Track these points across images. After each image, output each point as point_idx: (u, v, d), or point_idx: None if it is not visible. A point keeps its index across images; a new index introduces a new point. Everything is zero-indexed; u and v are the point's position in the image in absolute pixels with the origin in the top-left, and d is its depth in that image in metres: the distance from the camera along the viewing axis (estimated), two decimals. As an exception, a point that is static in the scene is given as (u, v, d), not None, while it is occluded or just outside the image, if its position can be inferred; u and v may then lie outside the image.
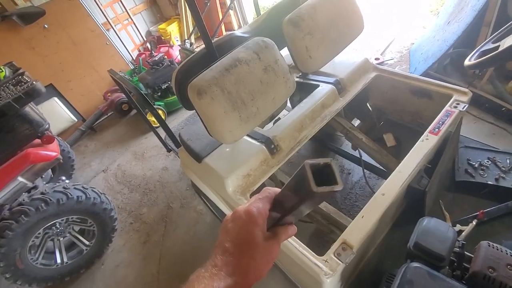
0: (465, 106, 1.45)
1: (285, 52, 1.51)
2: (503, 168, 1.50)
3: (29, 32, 3.60)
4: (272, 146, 1.48)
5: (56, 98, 3.72)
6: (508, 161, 1.53)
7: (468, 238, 1.32)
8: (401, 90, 1.81)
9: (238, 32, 1.51)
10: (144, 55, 4.39)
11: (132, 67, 4.61)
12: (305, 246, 1.12)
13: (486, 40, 1.16)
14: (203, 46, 1.38)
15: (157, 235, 2.34)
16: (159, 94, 3.71)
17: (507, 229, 1.30)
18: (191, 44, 4.30)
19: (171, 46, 4.50)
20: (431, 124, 1.42)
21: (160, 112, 3.54)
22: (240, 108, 1.18)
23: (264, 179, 1.45)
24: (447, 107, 1.47)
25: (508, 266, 0.89)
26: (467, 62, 1.12)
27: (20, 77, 2.06)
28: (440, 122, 1.41)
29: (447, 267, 1.03)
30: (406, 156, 1.32)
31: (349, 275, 1.23)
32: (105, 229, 2.20)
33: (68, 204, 1.93)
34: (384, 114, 2.10)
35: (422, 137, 1.37)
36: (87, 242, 2.20)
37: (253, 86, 1.20)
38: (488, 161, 1.57)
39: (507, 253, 0.92)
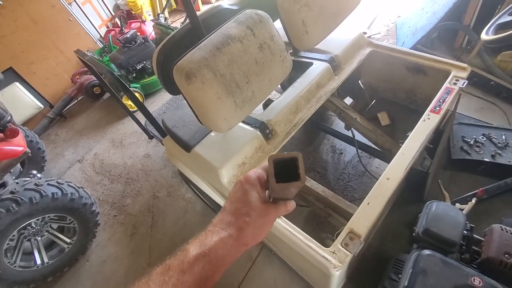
0: (464, 82, 1.40)
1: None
2: (499, 144, 1.50)
3: (-21, 9, 3.14)
4: (267, 131, 1.37)
5: (17, 83, 3.35)
6: (503, 137, 1.53)
7: (469, 217, 1.33)
8: (396, 66, 1.74)
9: (225, 4, 1.34)
10: (113, 32, 4.00)
11: (101, 45, 4.21)
12: (311, 238, 1.05)
13: (502, 12, 1.08)
14: (181, 21, 1.20)
15: (145, 227, 2.23)
16: (134, 75, 3.42)
17: (507, 206, 1.31)
18: (165, 18, 3.96)
19: (143, 22, 4.12)
20: (431, 103, 1.36)
21: (137, 95, 3.28)
22: (234, 93, 1.05)
23: (248, 172, 1.35)
24: (446, 84, 1.41)
25: (523, 251, 0.87)
26: (484, 36, 1.04)
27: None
28: (441, 100, 1.36)
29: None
30: (409, 138, 1.27)
31: (355, 262, 1.20)
32: (87, 224, 2.05)
33: (43, 203, 1.75)
34: (377, 92, 2.04)
35: (423, 116, 1.32)
36: (68, 240, 2.05)
37: (247, 67, 1.07)
38: (483, 138, 1.56)
39: (521, 237, 0.90)
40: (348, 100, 2.12)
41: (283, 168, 0.42)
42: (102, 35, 4.39)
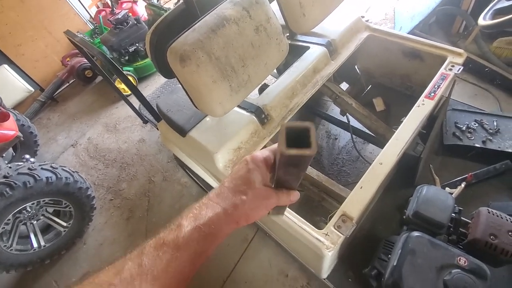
0: (460, 68, 1.40)
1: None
2: (490, 131, 1.53)
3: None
4: (263, 115, 1.37)
5: (6, 66, 3.25)
6: (495, 123, 1.55)
7: (457, 201, 1.36)
8: (393, 51, 1.73)
9: (219, -16, 1.29)
10: (104, 12, 3.86)
11: (91, 27, 4.06)
12: (305, 221, 1.08)
13: (500, -4, 1.07)
14: (174, 1, 1.17)
15: (141, 210, 2.25)
16: (127, 58, 3.34)
17: (495, 191, 1.35)
18: (158, -1, 3.83)
19: (135, 2, 3.98)
20: (426, 88, 1.37)
21: (130, 78, 3.20)
22: (230, 76, 1.04)
23: (255, 152, 1.36)
24: (442, 70, 1.41)
25: (510, 233, 0.91)
26: (481, 21, 1.03)
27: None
28: (436, 86, 1.36)
29: (443, 232, 1.06)
30: (403, 123, 1.28)
31: (346, 244, 1.24)
32: (83, 208, 2.06)
33: (37, 187, 1.75)
34: (373, 77, 2.03)
35: (418, 102, 1.33)
36: (64, 224, 2.06)
37: (243, 50, 1.05)
38: (475, 124, 1.58)
39: (507, 220, 0.94)
40: (344, 86, 2.12)
41: (295, 141, 0.39)
42: (93, 16, 4.23)
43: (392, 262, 0.98)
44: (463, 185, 1.38)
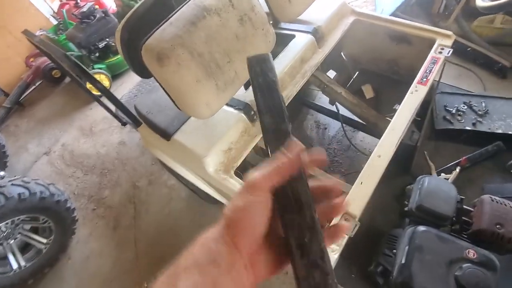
0: (450, 51, 1.37)
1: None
2: (479, 112, 1.52)
3: None
4: (252, 112, 1.28)
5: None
6: (483, 104, 1.55)
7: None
8: (379, 35, 1.67)
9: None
10: (68, 5, 3.55)
11: (55, 22, 3.75)
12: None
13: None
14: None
15: (127, 218, 2.13)
16: (97, 55, 3.11)
17: (488, 173, 1.35)
18: (126, -12, 3.57)
19: (101, -7, 3.69)
20: (418, 73, 1.32)
21: (102, 77, 3.01)
22: (215, 74, 0.94)
23: (247, 152, 1.28)
24: (432, 53, 1.37)
25: (514, 221, 0.89)
26: (480, 3, 0.98)
27: None
28: (428, 71, 1.32)
29: (446, 222, 1.04)
30: (397, 112, 1.23)
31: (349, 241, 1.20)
32: (63, 222, 1.92)
33: (9, 205, 1.59)
34: (359, 63, 1.98)
35: (410, 88, 1.28)
36: (44, 240, 1.92)
37: (228, 44, 0.95)
38: (464, 106, 1.57)
39: (511, 207, 0.92)
40: (331, 74, 2.06)
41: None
42: (55, 10, 3.90)
43: (399, 259, 0.95)
44: (458, 169, 1.38)
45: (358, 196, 1.05)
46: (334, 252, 0.95)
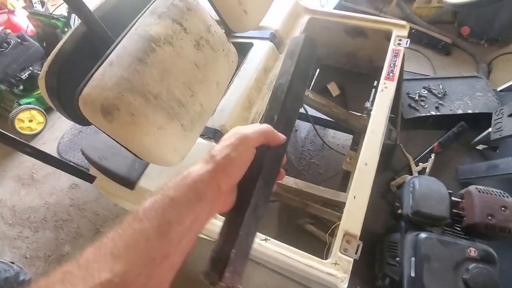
0: (407, 41, 1.37)
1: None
2: (439, 95, 1.57)
3: None
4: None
5: None
6: (440, 86, 1.60)
7: (431, 173, 1.38)
8: (336, 31, 1.63)
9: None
10: (-30, 33, 2.97)
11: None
12: (308, 255, 0.94)
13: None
14: (66, 5, 0.83)
15: (98, 270, 1.86)
16: (22, 88, 2.66)
17: (458, 154, 1.40)
18: (42, 3, 3.11)
19: (12, 12, 3.15)
20: (384, 69, 1.30)
21: (34, 113, 2.59)
22: (179, 114, 0.79)
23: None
24: (392, 46, 1.36)
25: (502, 208, 0.90)
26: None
27: None
28: (392, 65, 1.30)
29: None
30: (373, 113, 1.19)
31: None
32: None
33: None
34: (319, 60, 1.94)
35: (380, 86, 1.25)
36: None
37: (187, 76, 0.80)
38: (424, 91, 1.62)
39: (496, 195, 0.93)
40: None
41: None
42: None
43: (407, 271, 0.92)
44: (433, 156, 1.41)
45: (355, 212, 0.99)
46: (343, 282, 0.88)
